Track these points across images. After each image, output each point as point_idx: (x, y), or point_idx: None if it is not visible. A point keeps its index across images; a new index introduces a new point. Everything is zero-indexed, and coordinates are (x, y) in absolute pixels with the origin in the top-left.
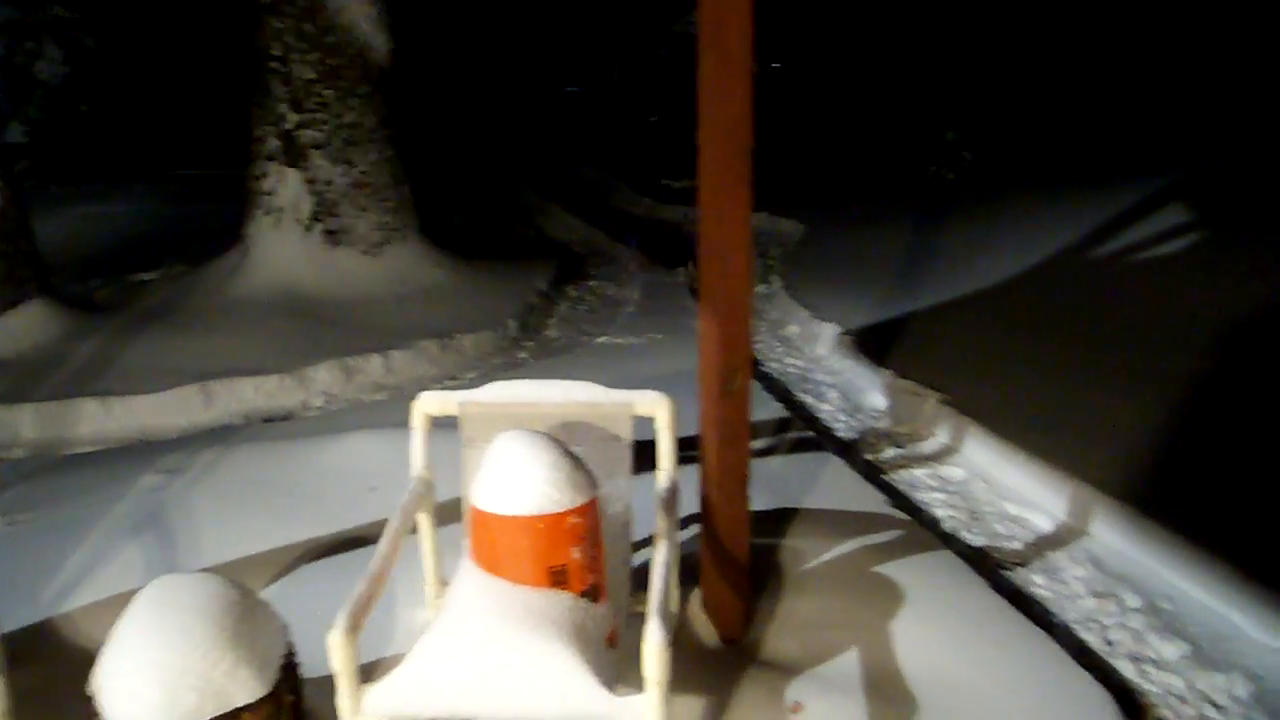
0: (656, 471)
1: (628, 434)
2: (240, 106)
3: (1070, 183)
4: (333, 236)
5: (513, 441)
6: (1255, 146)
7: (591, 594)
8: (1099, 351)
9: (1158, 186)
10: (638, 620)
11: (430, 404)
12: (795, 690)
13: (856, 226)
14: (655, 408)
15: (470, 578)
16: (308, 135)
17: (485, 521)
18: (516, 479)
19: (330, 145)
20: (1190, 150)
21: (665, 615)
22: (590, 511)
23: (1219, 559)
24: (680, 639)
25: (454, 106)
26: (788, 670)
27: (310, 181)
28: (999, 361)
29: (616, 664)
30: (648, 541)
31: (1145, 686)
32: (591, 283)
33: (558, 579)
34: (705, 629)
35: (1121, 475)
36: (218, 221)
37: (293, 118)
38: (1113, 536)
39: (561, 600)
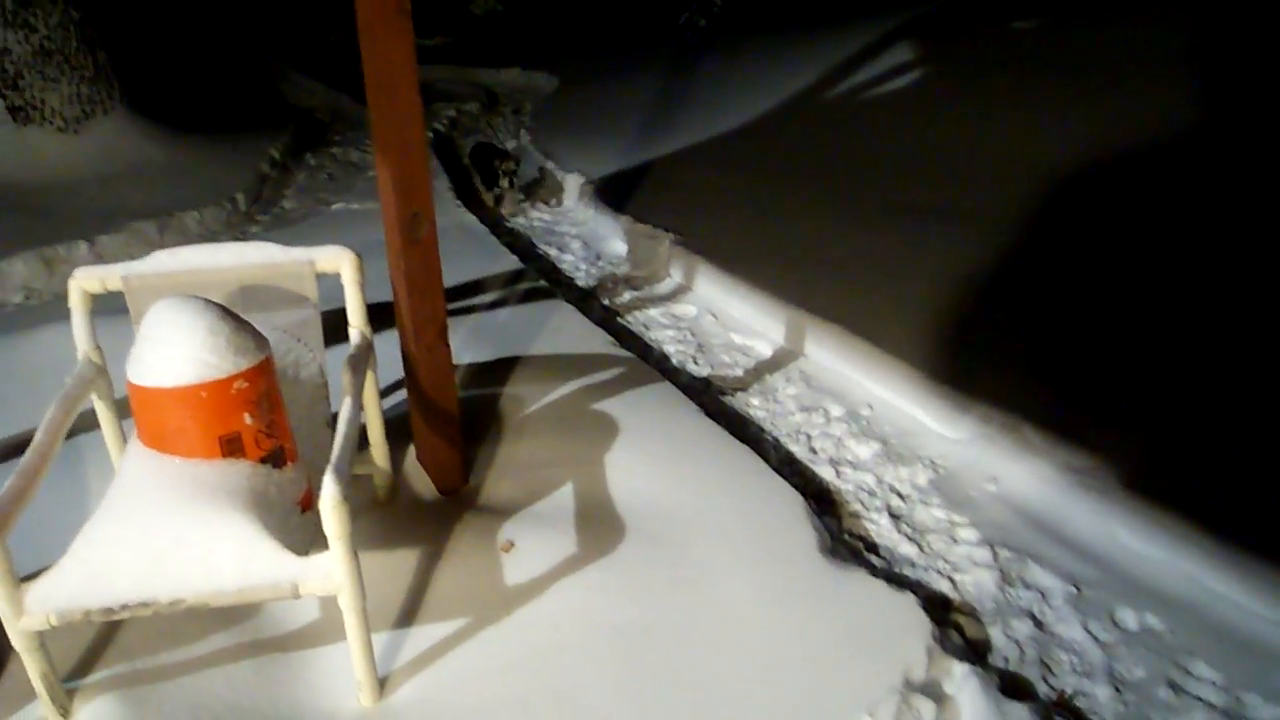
0: (350, 329)
1: (313, 293)
2: None
3: (809, 25)
4: (19, 113)
5: (164, 309)
6: None
7: (274, 459)
8: (831, 187)
9: (887, 27)
10: (354, 482)
11: (89, 280)
12: (509, 530)
13: (608, 78)
14: (339, 262)
15: (136, 458)
16: None
17: (145, 397)
18: (171, 348)
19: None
20: None
21: (343, 472)
22: (261, 374)
23: (910, 365)
24: (398, 496)
25: None
26: (503, 513)
27: None
28: (736, 201)
29: (311, 527)
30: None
31: (841, 486)
32: (333, 149)
33: (231, 448)
34: (423, 484)
35: (836, 299)
36: None
37: None
38: (823, 355)
39: (238, 469)
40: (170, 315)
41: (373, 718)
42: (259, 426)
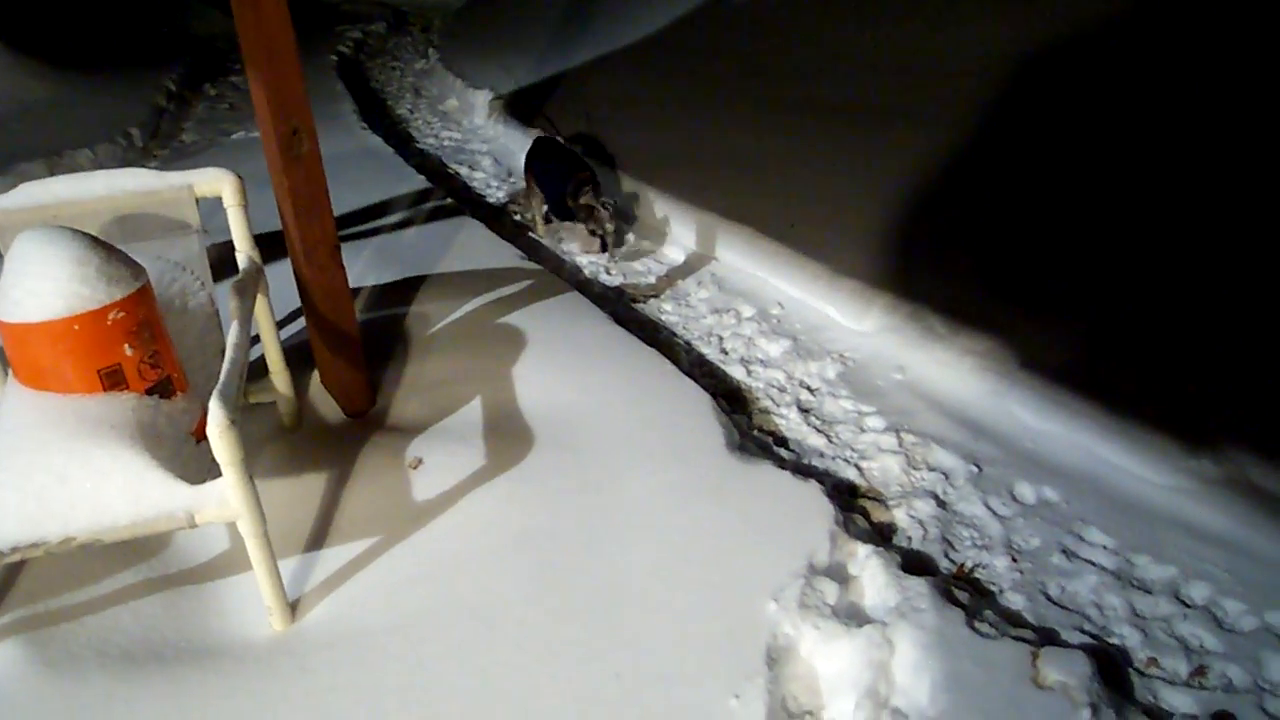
0: (236, 253)
1: (194, 219)
2: None
3: None
4: None
5: (27, 241)
6: None
7: (161, 390)
8: (745, 90)
9: None
10: (257, 410)
11: None
12: (418, 448)
13: None
14: (218, 185)
15: (13, 398)
16: None
17: (15, 334)
18: (37, 280)
19: None
20: None
21: (230, 396)
22: (139, 304)
23: (818, 262)
24: (304, 422)
25: None
26: (411, 431)
27: None
28: (648, 109)
29: (208, 457)
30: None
31: (752, 384)
32: (233, 78)
33: (113, 381)
34: (330, 408)
35: (749, 201)
36: None
37: None
38: (734, 257)
39: (121, 402)
40: (34, 247)
41: (284, 641)
42: (141, 357)
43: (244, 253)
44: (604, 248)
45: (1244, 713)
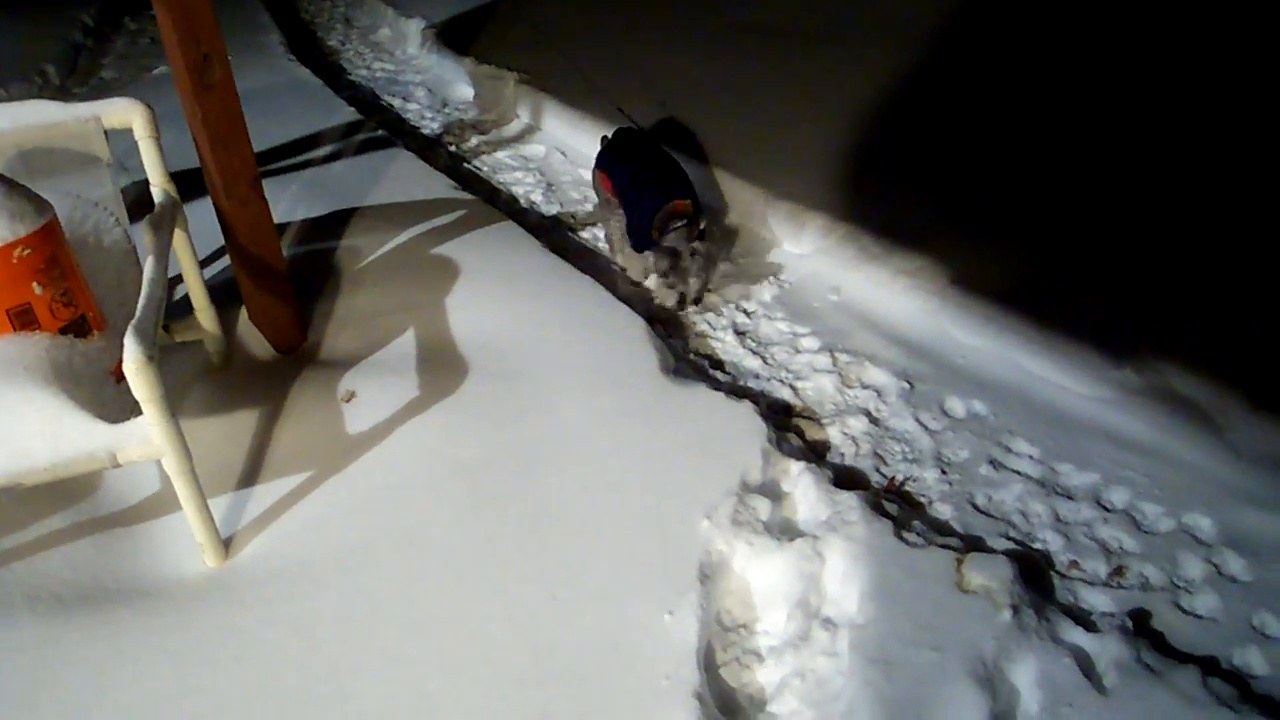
0: (151, 187)
1: (104, 152)
2: None
3: None
4: None
5: None
6: None
7: (76, 329)
8: (681, 12)
9: None
10: (184, 349)
11: None
12: (350, 381)
13: None
14: (128, 116)
15: None
16: None
17: None
18: None
19: None
20: None
21: (146, 332)
22: (46, 240)
23: (754, 184)
24: (234, 360)
25: None
26: (344, 365)
27: None
28: (582, 35)
29: (131, 396)
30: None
31: (689, 309)
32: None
33: (23, 320)
34: (260, 345)
35: (684, 125)
36: None
37: None
38: None
39: (34, 342)
40: None
41: (218, 578)
42: (52, 295)
43: (158, 186)
44: (681, 304)
45: (1159, 609)
